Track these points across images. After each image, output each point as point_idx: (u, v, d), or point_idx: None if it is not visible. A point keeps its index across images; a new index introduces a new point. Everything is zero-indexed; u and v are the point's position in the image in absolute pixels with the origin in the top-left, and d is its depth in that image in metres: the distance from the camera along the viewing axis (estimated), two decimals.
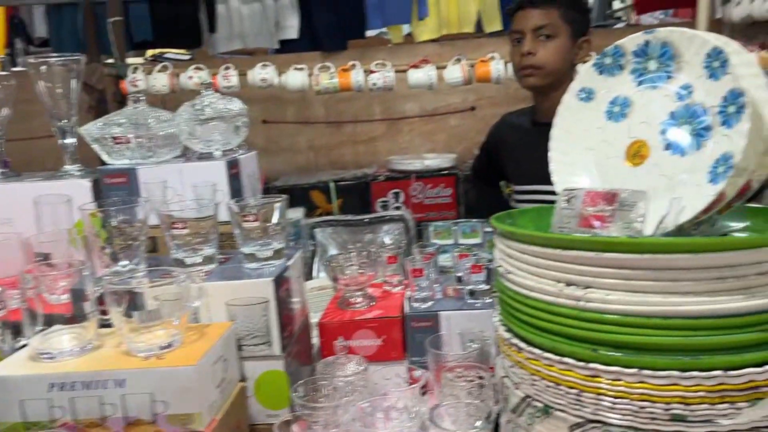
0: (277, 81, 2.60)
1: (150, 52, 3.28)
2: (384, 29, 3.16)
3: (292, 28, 2.97)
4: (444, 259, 2.64)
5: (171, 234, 0.98)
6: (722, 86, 0.73)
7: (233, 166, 1.12)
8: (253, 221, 0.96)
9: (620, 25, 3.43)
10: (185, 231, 0.97)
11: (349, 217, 2.61)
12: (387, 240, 2.68)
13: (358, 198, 2.75)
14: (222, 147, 1.14)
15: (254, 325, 0.93)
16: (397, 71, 2.61)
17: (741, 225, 0.83)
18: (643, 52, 0.81)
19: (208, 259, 1.00)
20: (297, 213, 2.62)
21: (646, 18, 3.31)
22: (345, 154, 3.13)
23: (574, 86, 0.88)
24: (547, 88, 1.67)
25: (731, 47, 0.75)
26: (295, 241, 2.60)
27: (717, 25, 2.75)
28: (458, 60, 2.53)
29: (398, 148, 3.10)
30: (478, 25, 3.00)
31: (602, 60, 0.85)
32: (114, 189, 1.11)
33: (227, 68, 2.57)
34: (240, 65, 2.63)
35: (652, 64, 0.81)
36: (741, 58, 0.75)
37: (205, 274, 0.98)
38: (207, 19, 2.92)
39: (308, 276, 2.32)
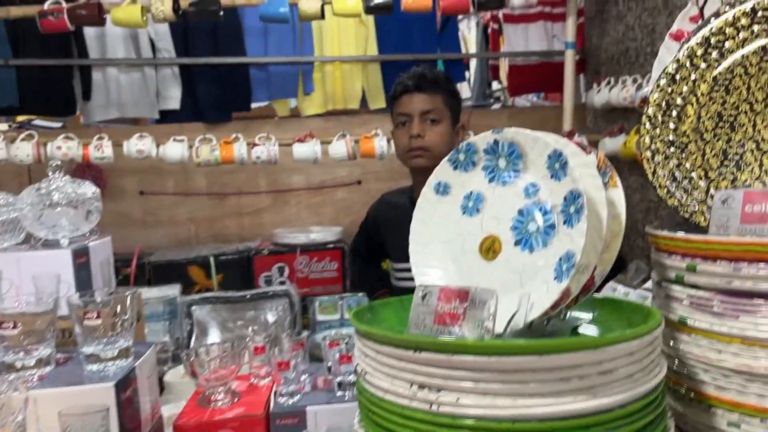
0: (155, 152, 2.52)
1: (18, 118, 3.09)
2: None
3: (173, 99, 2.90)
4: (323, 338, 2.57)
5: None
6: (563, 187, 0.76)
7: (81, 255, 1.03)
8: (96, 318, 0.88)
9: (497, 105, 3.64)
10: (16, 331, 0.87)
11: (230, 293, 2.51)
12: (270, 317, 2.60)
13: (239, 273, 2.66)
14: (70, 234, 1.06)
15: None
16: (282, 144, 2.60)
17: (589, 316, 0.86)
18: (493, 150, 0.84)
19: (42, 362, 0.90)
20: (173, 290, 2.48)
21: (520, 100, 3.54)
22: (228, 227, 3.04)
23: (432, 180, 0.89)
24: (431, 170, 1.73)
25: (570, 149, 0.79)
26: (169, 320, 2.45)
27: (582, 109, 2.98)
28: (343, 135, 2.56)
29: (284, 220, 3.06)
30: (363, 102, 3.07)
31: (456, 156, 0.87)
32: None
33: (100, 138, 2.46)
34: (115, 135, 2.53)
35: (502, 162, 0.84)
36: (579, 159, 0.79)
37: (38, 379, 0.88)
38: (81, 86, 2.79)
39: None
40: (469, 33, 4.42)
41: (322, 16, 2.52)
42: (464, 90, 4.55)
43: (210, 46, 2.89)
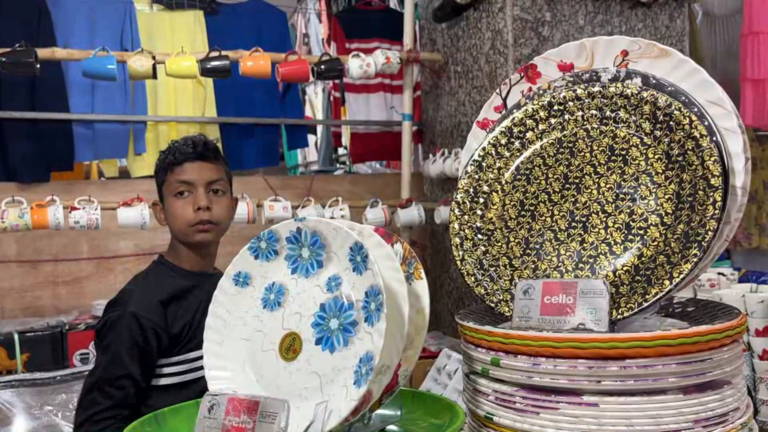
0: None
1: None
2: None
3: None
4: None
5: None
6: (365, 281, 0.72)
7: None
8: None
9: (339, 171, 3.65)
10: None
11: (37, 375, 2.23)
12: None
13: (50, 352, 2.37)
14: None
15: None
16: (107, 208, 2.40)
17: (396, 414, 0.81)
18: (295, 239, 0.79)
19: None
20: None
21: (363, 166, 3.59)
22: (42, 298, 2.72)
23: (230, 270, 0.81)
24: (215, 244, 1.62)
25: (372, 241, 0.76)
26: None
27: (420, 177, 3.07)
28: None
29: (108, 290, 2.79)
30: None
31: (258, 244, 0.81)
32: None
33: None
34: None
35: (305, 252, 0.78)
36: (381, 251, 0.75)
37: None
38: None
39: None
40: (316, 98, 4.47)
41: (154, 75, 2.39)
42: (311, 154, 4.56)
43: (26, 100, 2.63)
